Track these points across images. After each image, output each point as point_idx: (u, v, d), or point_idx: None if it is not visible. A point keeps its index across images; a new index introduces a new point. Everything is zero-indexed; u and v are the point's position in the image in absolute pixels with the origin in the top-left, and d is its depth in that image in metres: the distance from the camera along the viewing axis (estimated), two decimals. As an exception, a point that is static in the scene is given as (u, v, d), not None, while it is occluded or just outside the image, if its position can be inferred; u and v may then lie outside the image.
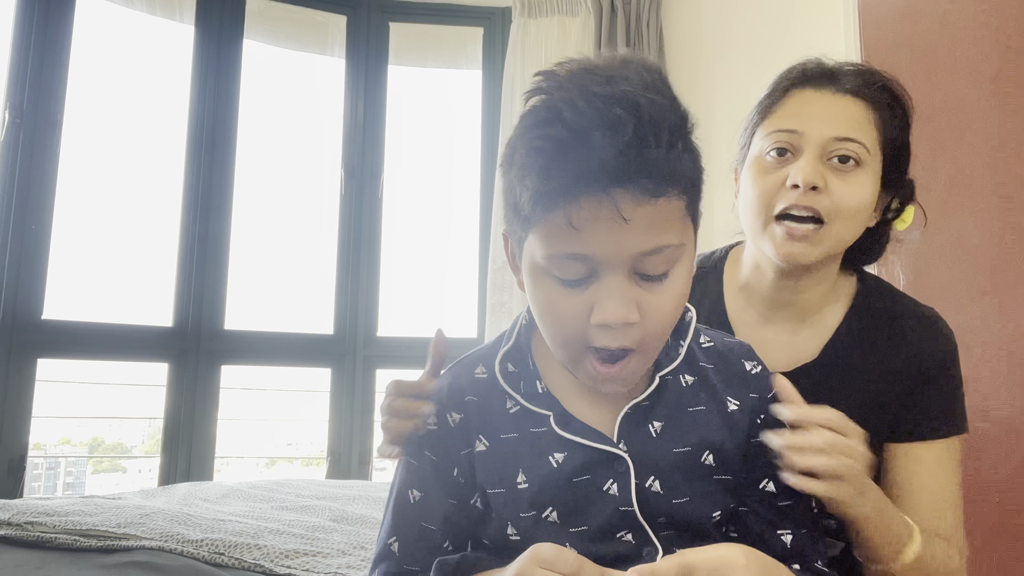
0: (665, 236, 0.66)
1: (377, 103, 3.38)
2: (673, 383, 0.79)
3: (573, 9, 3.21)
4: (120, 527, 1.43)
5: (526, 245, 0.70)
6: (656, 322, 0.69)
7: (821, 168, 0.92)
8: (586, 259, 0.66)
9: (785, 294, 1.00)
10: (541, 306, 0.71)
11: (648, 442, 0.77)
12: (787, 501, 0.79)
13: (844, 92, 0.94)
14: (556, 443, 0.76)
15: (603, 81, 0.64)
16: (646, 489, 0.75)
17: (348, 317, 3.23)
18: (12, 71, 2.77)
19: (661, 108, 0.64)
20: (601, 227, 0.64)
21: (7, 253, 2.70)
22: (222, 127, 3.12)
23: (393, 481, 0.82)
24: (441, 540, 0.78)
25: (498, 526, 0.77)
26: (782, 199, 0.93)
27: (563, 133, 0.63)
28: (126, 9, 3.08)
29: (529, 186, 0.66)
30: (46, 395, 2.78)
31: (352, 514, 1.74)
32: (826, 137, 0.92)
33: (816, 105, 0.94)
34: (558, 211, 0.65)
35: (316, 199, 3.36)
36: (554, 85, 0.67)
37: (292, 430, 3.71)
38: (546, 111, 0.65)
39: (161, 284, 3.00)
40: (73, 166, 2.88)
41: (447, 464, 0.78)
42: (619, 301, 0.66)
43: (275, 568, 1.32)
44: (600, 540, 0.75)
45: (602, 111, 0.62)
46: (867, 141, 0.93)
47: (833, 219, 0.92)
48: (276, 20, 3.36)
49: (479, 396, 0.79)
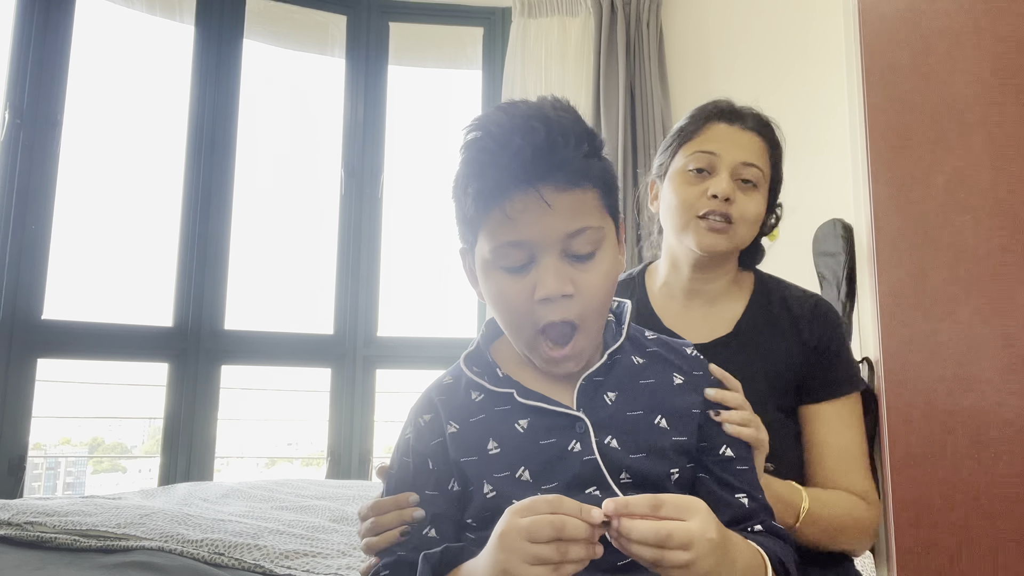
0: (585, 219, 0.81)
1: (377, 103, 3.38)
2: (624, 361, 0.91)
3: (573, 9, 3.21)
4: (120, 527, 1.43)
5: (477, 249, 0.85)
6: (591, 295, 0.82)
7: (732, 185, 1.18)
8: (523, 244, 0.81)
9: (698, 284, 1.24)
10: (494, 296, 0.85)
11: (603, 408, 0.87)
12: (744, 466, 0.90)
13: (749, 128, 1.22)
14: (520, 412, 0.86)
15: (519, 104, 0.83)
16: (605, 445, 0.84)
17: (348, 317, 3.23)
18: (12, 71, 2.77)
19: (567, 120, 0.81)
20: (531, 215, 0.79)
21: (7, 253, 2.70)
22: (222, 127, 3.12)
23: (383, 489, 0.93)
24: (421, 528, 0.86)
25: (477, 493, 0.84)
26: (703, 206, 1.17)
27: (491, 143, 0.80)
28: (126, 9, 3.08)
29: (471, 192, 0.81)
30: (46, 395, 2.78)
31: (352, 514, 1.74)
32: (737, 161, 1.19)
33: (729, 136, 1.21)
34: (495, 208, 0.80)
35: (316, 199, 3.36)
36: (482, 116, 0.84)
37: (292, 430, 3.71)
38: (476, 131, 0.83)
39: (161, 284, 3.00)
40: (73, 166, 2.88)
41: (422, 461, 0.88)
42: (554, 276, 0.80)
43: (275, 568, 1.32)
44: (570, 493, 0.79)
45: (519, 123, 0.79)
46: (763, 168, 1.21)
47: (738, 223, 1.18)
48: (276, 20, 3.36)
49: (446, 395, 0.91)
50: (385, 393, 3.27)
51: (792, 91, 2.55)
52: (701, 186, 1.18)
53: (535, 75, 3.14)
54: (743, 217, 1.18)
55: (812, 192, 2.07)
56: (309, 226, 3.39)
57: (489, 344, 0.95)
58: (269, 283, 3.33)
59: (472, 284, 0.91)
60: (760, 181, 1.20)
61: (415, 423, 0.90)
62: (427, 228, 3.50)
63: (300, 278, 3.40)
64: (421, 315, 3.46)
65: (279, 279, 3.37)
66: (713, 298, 1.25)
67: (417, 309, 3.47)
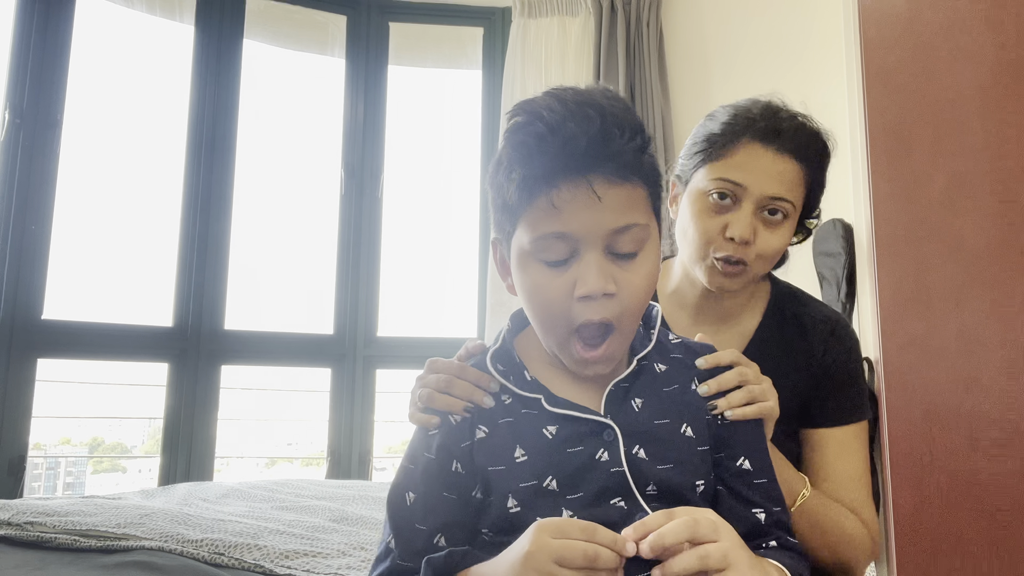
0: (633, 215, 0.77)
1: (377, 103, 3.38)
2: (648, 368, 0.88)
3: (573, 9, 3.21)
4: (120, 527, 1.43)
5: (514, 239, 0.81)
6: (631, 296, 0.78)
7: (754, 221, 1.07)
8: (567, 237, 0.76)
9: (710, 302, 1.17)
10: (529, 290, 0.80)
11: (631, 415, 0.84)
12: (762, 479, 0.86)
13: (785, 152, 1.08)
14: (548, 419, 0.83)
15: (572, 92, 0.78)
16: (633, 455, 0.81)
17: (348, 317, 3.23)
18: (12, 71, 2.77)
19: (622, 111, 0.77)
20: (579, 206, 0.75)
21: (7, 253, 2.70)
22: (222, 127, 3.12)
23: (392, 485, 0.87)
24: (430, 537, 0.82)
25: (498, 504, 0.81)
26: (719, 248, 1.08)
27: (542, 128, 0.75)
28: (126, 9, 3.08)
29: (516, 177, 0.77)
30: (46, 395, 2.78)
31: (352, 514, 1.74)
32: (764, 195, 1.07)
33: (761, 162, 1.08)
34: (541, 196, 0.76)
35: (316, 199, 3.36)
36: (531, 101, 0.79)
37: (292, 430, 3.71)
38: (526, 115, 0.78)
39: (161, 284, 3.00)
40: (73, 166, 2.88)
41: (446, 459, 0.83)
42: (598, 273, 0.76)
43: (275, 568, 1.32)
44: (595, 506, 0.79)
45: (574, 110, 0.75)
46: (795, 200, 1.09)
47: (755, 262, 1.09)
48: (276, 20, 3.36)
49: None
50: (385, 393, 3.27)
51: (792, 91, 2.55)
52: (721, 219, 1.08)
53: (535, 75, 3.14)
54: (762, 255, 1.09)
55: (812, 192, 2.06)
56: (309, 226, 3.39)
57: (514, 338, 0.91)
58: (269, 283, 3.33)
59: (503, 276, 0.87)
60: (790, 213, 1.09)
61: (444, 420, 0.85)
62: (427, 228, 3.50)
63: (300, 278, 3.40)
64: (421, 315, 3.46)
65: (279, 279, 3.37)
66: (725, 316, 1.18)
67: (417, 309, 3.47)
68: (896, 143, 1.41)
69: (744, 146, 1.09)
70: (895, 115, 1.41)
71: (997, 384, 1.24)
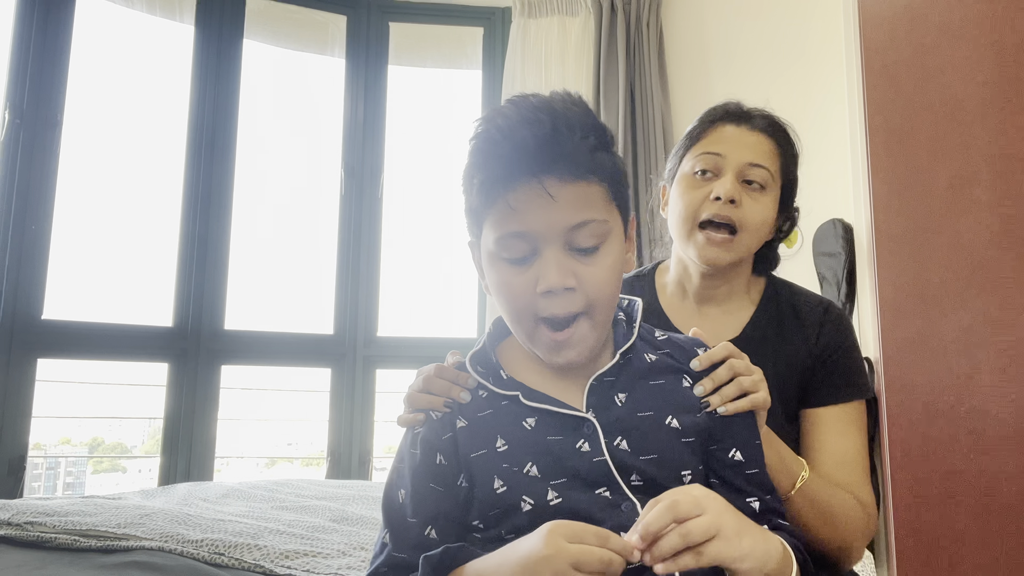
0: (589, 212, 0.80)
1: (377, 103, 3.38)
2: (634, 361, 0.90)
3: (573, 9, 3.21)
4: (120, 527, 1.43)
5: (482, 241, 0.85)
6: (595, 288, 0.82)
7: (738, 187, 1.14)
8: (526, 236, 0.80)
9: (708, 291, 1.22)
10: (497, 287, 0.85)
11: (613, 408, 0.86)
12: (754, 469, 0.89)
13: (757, 129, 1.18)
14: (527, 412, 0.85)
15: (528, 98, 0.82)
16: (615, 447, 0.83)
17: (348, 317, 3.23)
18: (12, 71, 2.77)
19: (575, 113, 0.81)
20: (535, 206, 0.79)
21: (7, 253, 2.70)
22: (222, 127, 3.12)
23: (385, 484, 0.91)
24: (421, 529, 0.85)
25: (484, 488, 0.83)
26: (706, 209, 1.14)
27: (496, 135, 0.80)
28: (126, 9, 3.08)
29: (476, 182, 0.82)
30: (46, 395, 2.78)
31: (352, 514, 1.74)
32: (743, 162, 1.15)
33: (736, 136, 1.18)
34: (500, 198, 0.80)
35: (316, 199, 3.36)
36: (492, 109, 0.84)
37: (292, 430, 3.71)
38: (483, 124, 0.83)
39: (161, 284, 3.00)
40: (73, 166, 2.88)
41: (430, 452, 0.86)
42: (557, 269, 0.80)
43: (275, 568, 1.32)
44: (580, 490, 0.81)
45: (526, 114, 0.79)
46: (772, 169, 1.17)
47: (743, 230, 1.14)
48: (276, 20, 3.36)
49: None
50: (385, 393, 3.27)
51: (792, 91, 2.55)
52: (705, 189, 1.15)
53: (535, 75, 3.14)
54: (748, 223, 1.14)
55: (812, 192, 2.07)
56: (309, 226, 3.39)
57: (495, 344, 0.94)
58: (269, 283, 3.33)
59: (480, 277, 0.91)
60: (769, 183, 1.16)
61: (427, 417, 0.89)
62: (427, 228, 3.50)
63: (300, 278, 3.40)
64: (421, 315, 3.46)
65: (279, 279, 3.36)
66: (723, 303, 1.23)
67: (417, 309, 3.47)
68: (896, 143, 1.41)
69: (719, 128, 1.19)
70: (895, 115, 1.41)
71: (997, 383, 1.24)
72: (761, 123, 1.19)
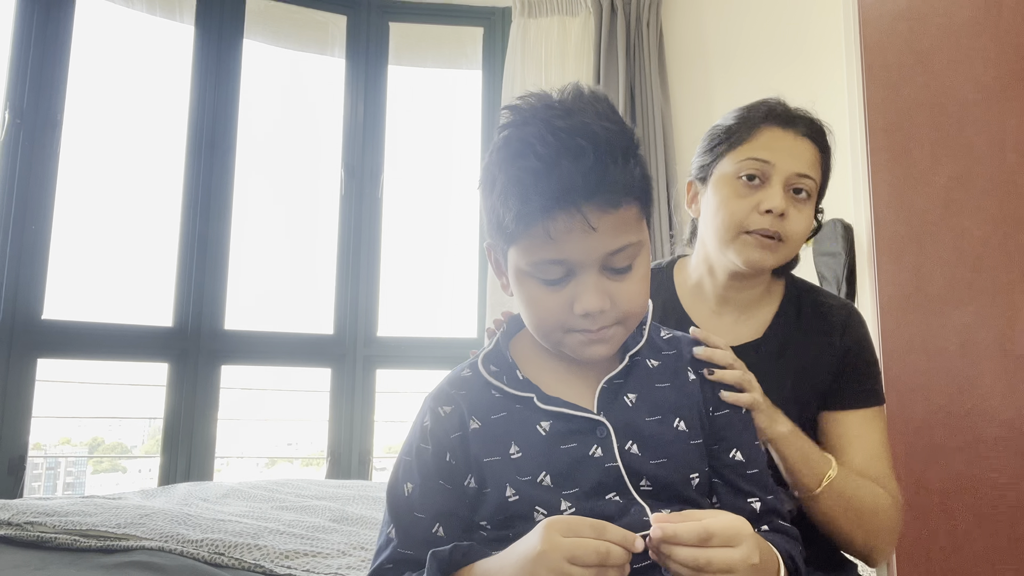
0: (627, 236, 0.80)
1: (377, 103, 3.38)
2: (641, 364, 0.91)
3: (573, 9, 3.21)
4: (120, 527, 1.43)
5: (510, 255, 0.83)
6: (629, 303, 0.82)
7: (786, 199, 1.12)
8: (564, 263, 0.79)
9: (732, 292, 1.20)
10: (527, 303, 0.84)
11: (624, 411, 0.86)
12: (754, 469, 0.89)
13: (804, 135, 1.15)
14: (541, 415, 0.85)
15: (563, 115, 0.78)
16: (626, 451, 0.84)
17: (348, 317, 3.23)
18: (12, 71, 2.77)
19: (614, 133, 0.78)
20: (574, 236, 0.77)
21: (7, 253, 2.70)
22: (222, 127, 3.12)
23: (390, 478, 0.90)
24: (429, 526, 0.84)
25: (496, 494, 0.83)
26: (754, 222, 1.11)
27: (537, 164, 0.76)
28: (126, 9, 3.08)
29: (512, 208, 0.79)
30: (46, 395, 2.78)
31: (352, 514, 1.74)
32: (791, 172, 1.12)
33: (784, 142, 1.14)
34: (537, 227, 0.78)
35: (316, 199, 3.36)
36: (520, 120, 0.81)
37: (292, 430, 3.71)
38: (519, 144, 0.79)
39: (161, 284, 3.00)
40: (73, 166, 2.88)
41: (440, 450, 0.86)
42: (594, 293, 0.80)
43: (275, 568, 1.32)
44: (591, 499, 0.82)
45: (566, 142, 0.76)
46: (816, 178, 1.15)
47: (787, 240, 1.13)
48: (276, 20, 3.36)
49: (466, 390, 0.89)
50: (385, 393, 3.27)
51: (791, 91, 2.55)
52: (752, 198, 1.12)
53: (535, 75, 3.14)
54: (792, 234, 1.13)
55: (812, 192, 2.07)
56: (309, 226, 3.39)
57: (509, 340, 0.93)
58: (269, 283, 3.33)
59: (498, 275, 0.89)
60: (812, 192, 1.15)
61: (434, 412, 0.88)
62: (427, 228, 3.50)
63: (300, 278, 3.40)
64: (421, 315, 3.46)
65: (279, 279, 3.36)
66: (745, 305, 1.22)
67: (417, 309, 3.47)
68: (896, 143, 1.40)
69: (765, 130, 1.15)
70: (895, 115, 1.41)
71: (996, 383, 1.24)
72: (806, 127, 1.16)
